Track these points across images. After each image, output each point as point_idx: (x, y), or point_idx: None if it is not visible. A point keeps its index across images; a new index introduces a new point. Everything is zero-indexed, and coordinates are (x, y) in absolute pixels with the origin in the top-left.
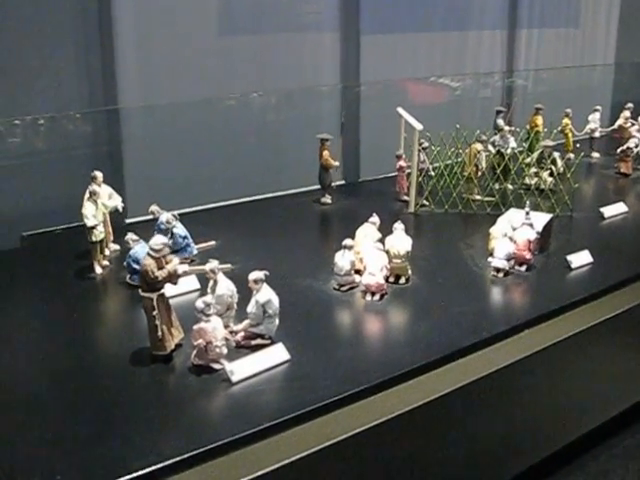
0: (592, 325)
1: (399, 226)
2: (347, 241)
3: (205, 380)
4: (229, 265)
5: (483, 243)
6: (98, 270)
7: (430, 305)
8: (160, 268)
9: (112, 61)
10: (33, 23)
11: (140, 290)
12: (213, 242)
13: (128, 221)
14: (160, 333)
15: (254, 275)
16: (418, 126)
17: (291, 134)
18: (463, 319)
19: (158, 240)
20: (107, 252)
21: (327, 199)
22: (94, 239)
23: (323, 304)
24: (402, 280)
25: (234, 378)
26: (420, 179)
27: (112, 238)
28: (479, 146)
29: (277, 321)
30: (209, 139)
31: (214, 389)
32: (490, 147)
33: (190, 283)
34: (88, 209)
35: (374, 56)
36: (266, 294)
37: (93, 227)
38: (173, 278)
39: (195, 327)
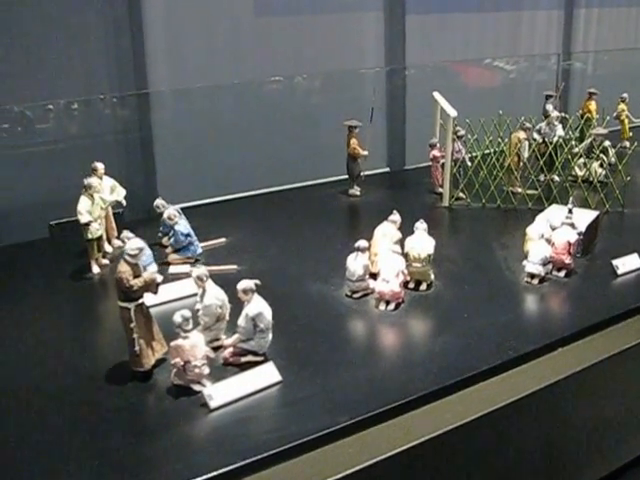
0: None
1: (421, 226)
2: (360, 243)
3: (182, 404)
4: (234, 266)
5: (520, 243)
6: (95, 270)
7: (451, 316)
8: (137, 276)
9: (142, 44)
10: (63, 8)
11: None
12: (223, 239)
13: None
14: (137, 348)
15: (243, 284)
16: (452, 112)
17: (329, 119)
18: (487, 334)
19: (134, 244)
20: (109, 249)
21: (355, 191)
22: (90, 236)
23: (330, 314)
24: (423, 286)
25: (213, 404)
26: (455, 170)
27: (116, 234)
28: (522, 134)
29: (270, 336)
30: (242, 124)
31: (190, 416)
32: (535, 135)
33: (189, 287)
34: (82, 204)
35: (421, 37)
36: (257, 306)
37: (87, 224)
38: (151, 287)
39: (172, 344)
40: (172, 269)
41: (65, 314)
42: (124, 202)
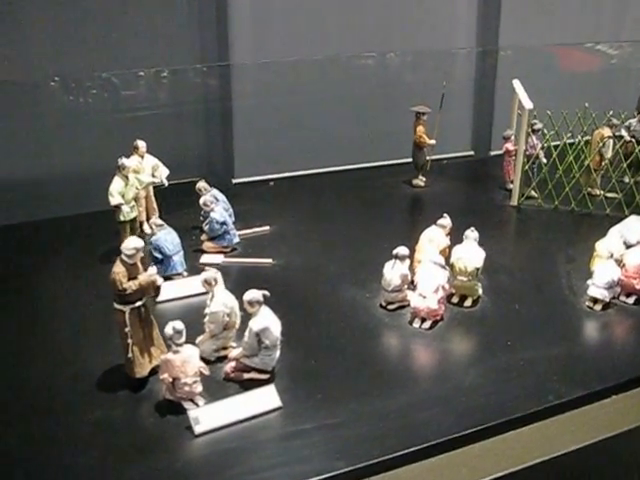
0: None
1: (471, 234)
2: (400, 250)
3: (167, 425)
4: (269, 260)
5: (589, 257)
6: None
7: (492, 342)
8: (132, 278)
9: (226, 14)
10: None
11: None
12: (267, 227)
13: (235, 181)
14: (130, 354)
15: (249, 295)
16: (528, 104)
17: (414, 99)
18: (529, 370)
19: (130, 244)
20: (149, 231)
21: (419, 181)
22: (122, 218)
23: (358, 327)
24: (468, 302)
25: (198, 429)
26: (527, 167)
27: (157, 214)
28: (606, 131)
29: (277, 354)
30: (324, 100)
31: (172, 440)
32: (623, 132)
33: None
34: (114, 185)
35: (516, 18)
36: (263, 321)
37: (117, 206)
38: (148, 291)
39: (162, 358)
40: (203, 258)
41: (80, 302)
42: (166, 182)
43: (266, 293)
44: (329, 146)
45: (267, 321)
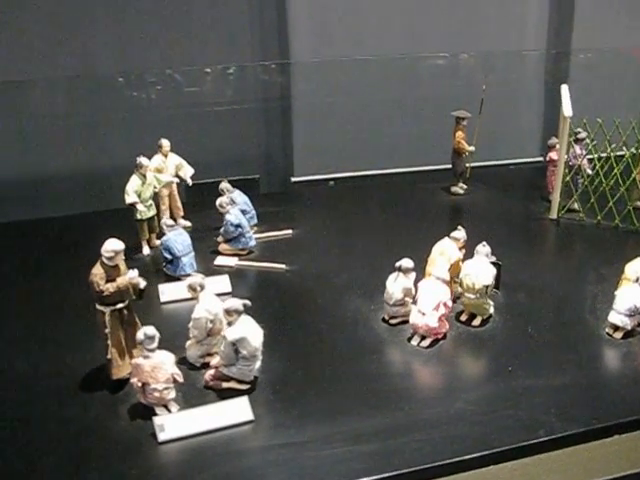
0: None
1: (482, 250)
2: (403, 262)
3: (133, 430)
4: (283, 265)
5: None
6: (146, 251)
7: (493, 367)
8: (111, 280)
9: (285, 13)
10: None
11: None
12: (290, 230)
13: (294, 180)
14: (109, 356)
15: (228, 304)
16: (568, 112)
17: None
18: (525, 400)
19: (109, 246)
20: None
21: (458, 189)
22: (139, 217)
23: (355, 341)
24: (476, 321)
25: (162, 436)
26: (569, 178)
27: (182, 213)
28: None
29: (257, 365)
30: (382, 100)
31: (134, 446)
32: None
33: (221, 284)
34: (131, 184)
35: (591, 19)
36: (240, 330)
37: (132, 204)
38: (126, 294)
39: (133, 362)
40: (218, 260)
41: (75, 299)
42: (190, 181)
43: (247, 302)
44: (385, 147)
45: (244, 331)
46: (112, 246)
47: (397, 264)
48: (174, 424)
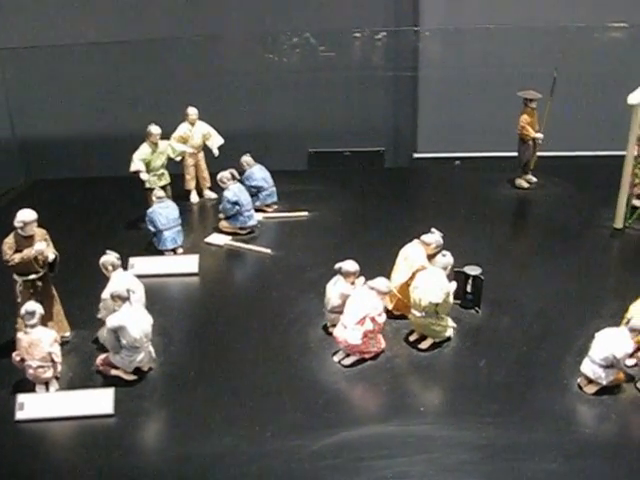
0: None
1: (441, 260)
2: (345, 264)
3: (4, 401)
4: (269, 250)
5: None
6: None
7: (400, 406)
8: (19, 250)
9: None
10: None
11: None
12: (305, 213)
13: (416, 156)
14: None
15: (116, 290)
16: (635, 99)
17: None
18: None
19: (20, 216)
20: (195, 200)
21: (522, 182)
22: (147, 185)
23: (283, 347)
24: (425, 344)
25: (19, 415)
26: None
27: (208, 184)
28: None
29: (139, 357)
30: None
31: None
32: None
33: (189, 264)
34: (139, 152)
35: None
36: (119, 319)
37: (135, 172)
38: (31, 266)
39: (17, 336)
40: (208, 238)
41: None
42: (216, 152)
43: (132, 290)
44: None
45: (123, 320)
46: (22, 216)
47: (337, 266)
48: (37, 405)
